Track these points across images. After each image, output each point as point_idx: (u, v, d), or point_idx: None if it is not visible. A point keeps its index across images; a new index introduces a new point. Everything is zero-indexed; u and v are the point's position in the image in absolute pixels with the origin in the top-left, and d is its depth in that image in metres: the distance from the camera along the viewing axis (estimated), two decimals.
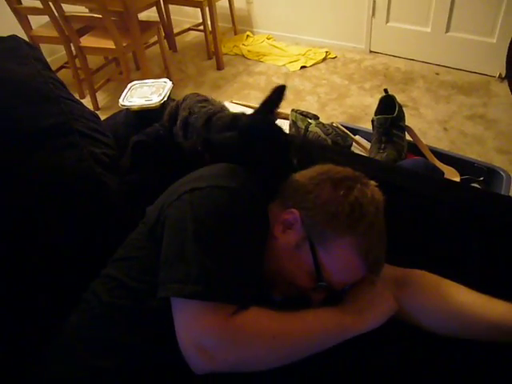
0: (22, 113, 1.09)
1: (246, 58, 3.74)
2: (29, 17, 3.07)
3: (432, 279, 0.93)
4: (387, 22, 3.43)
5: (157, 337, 0.77)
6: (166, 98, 1.36)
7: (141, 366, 0.79)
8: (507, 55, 2.84)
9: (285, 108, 2.24)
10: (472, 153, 2.49)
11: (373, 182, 0.90)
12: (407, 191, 1.03)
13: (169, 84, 1.41)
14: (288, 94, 1.02)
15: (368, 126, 1.81)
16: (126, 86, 1.45)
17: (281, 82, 3.35)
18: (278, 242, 0.87)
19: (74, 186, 1.07)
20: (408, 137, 1.69)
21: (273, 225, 0.89)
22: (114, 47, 2.76)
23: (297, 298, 0.88)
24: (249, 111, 1.82)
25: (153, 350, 0.77)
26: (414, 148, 1.67)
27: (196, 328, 0.73)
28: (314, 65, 3.56)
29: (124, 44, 2.78)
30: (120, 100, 1.38)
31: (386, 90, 1.71)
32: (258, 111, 1.01)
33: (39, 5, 2.77)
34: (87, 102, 3.04)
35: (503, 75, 3.06)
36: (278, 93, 1.01)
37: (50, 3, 2.71)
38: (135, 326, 0.80)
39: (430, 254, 1.03)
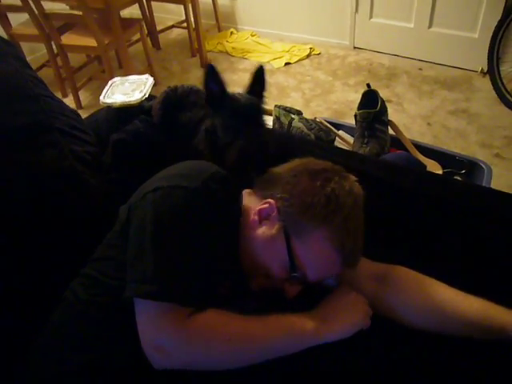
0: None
1: (230, 55, 3.73)
2: (8, 14, 3.02)
3: (412, 275, 0.93)
4: (370, 17, 3.44)
5: (133, 332, 0.77)
6: (147, 95, 1.35)
7: (122, 360, 0.79)
8: (489, 50, 2.87)
9: (269, 104, 2.24)
10: (455, 147, 2.51)
11: (352, 177, 0.90)
12: (388, 184, 1.03)
13: (150, 80, 1.39)
14: (272, 90, 1.02)
15: (350, 122, 1.82)
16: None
17: (265, 78, 3.33)
18: (254, 233, 0.87)
19: (54, 185, 1.06)
20: (391, 131, 1.70)
21: (248, 215, 0.89)
22: (95, 45, 2.73)
23: (273, 292, 0.88)
24: None
25: (131, 344, 0.77)
26: (397, 142, 1.68)
27: (152, 328, 0.74)
28: (298, 61, 3.56)
29: (106, 42, 2.75)
30: (101, 97, 1.36)
31: (368, 85, 1.72)
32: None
33: (18, 2, 2.73)
34: (69, 100, 3.00)
35: (485, 70, 3.09)
36: (259, 79, 1.02)
37: (30, 0, 2.67)
38: (112, 321, 0.81)
39: (410, 248, 1.03)
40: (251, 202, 0.92)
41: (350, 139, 1.68)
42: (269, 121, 1.75)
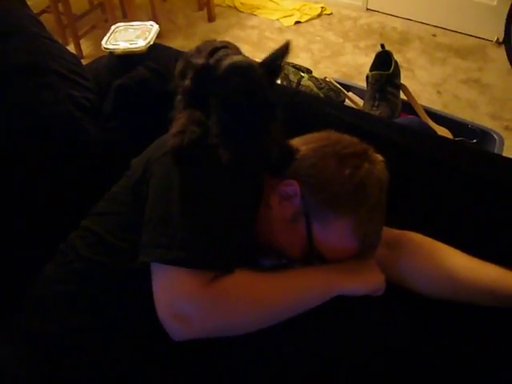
0: None
1: (239, 10, 3.59)
2: None
3: (425, 242, 0.91)
4: None
5: (135, 299, 0.74)
6: (151, 42, 1.28)
7: (119, 327, 0.76)
8: (506, 19, 2.76)
9: None
10: (465, 117, 2.41)
11: (380, 158, 0.86)
12: (402, 148, 0.99)
13: (155, 27, 1.32)
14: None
15: (360, 85, 1.76)
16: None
17: (274, 36, 3.24)
18: (273, 213, 0.83)
19: (49, 130, 1.01)
20: (402, 96, 1.65)
21: (268, 193, 0.84)
22: None
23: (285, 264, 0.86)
24: None
25: (131, 312, 0.74)
26: (408, 107, 1.63)
27: (173, 294, 0.70)
28: (308, 20, 3.43)
29: None
30: (103, 42, 1.29)
31: (382, 46, 1.65)
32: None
33: None
34: (70, 49, 2.87)
35: (501, 40, 2.98)
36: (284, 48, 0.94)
37: None
38: (113, 285, 0.77)
39: (423, 214, 1.00)
40: (269, 176, 0.86)
41: (360, 101, 1.62)
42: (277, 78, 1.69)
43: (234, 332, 0.74)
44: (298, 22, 3.40)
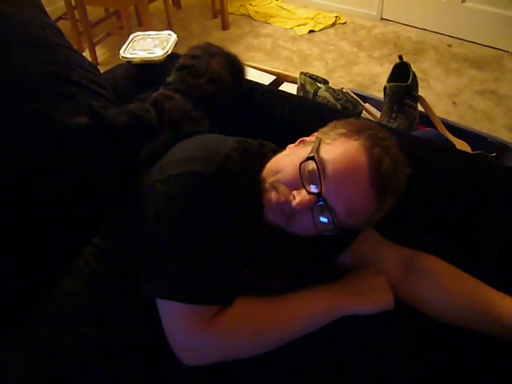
0: (13, 59, 1.00)
1: (253, 18, 3.60)
2: None
3: (442, 266, 0.89)
4: None
5: (147, 313, 0.74)
6: (169, 52, 1.28)
7: (127, 340, 0.77)
8: None
9: (291, 72, 2.16)
10: (481, 129, 2.40)
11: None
12: (423, 162, 0.97)
13: (173, 37, 1.32)
14: (294, 57, 0.95)
15: (375, 95, 1.74)
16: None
17: (288, 45, 3.23)
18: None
19: (70, 141, 1.01)
20: (419, 107, 1.63)
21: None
22: None
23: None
24: (254, 73, 1.75)
25: (140, 327, 0.74)
26: (425, 119, 1.61)
27: (179, 330, 0.71)
28: (322, 29, 3.43)
29: None
30: (121, 51, 1.30)
31: (400, 57, 1.63)
32: None
33: None
34: (86, 56, 2.90)
35: None
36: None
37: None
38: (122, 300, 0.77)
39: (441, 230, 0.98)
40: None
41: (377, 113, 1.61)
42: (293, 89, 1.68)
43: (241, 358, 0.75)
44: (311, 31, 3.40)
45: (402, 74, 1.60)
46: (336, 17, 3.53)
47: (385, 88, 1.58)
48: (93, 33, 2.94)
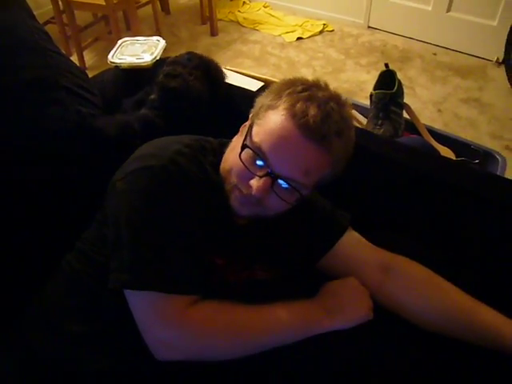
0: (1, 63, 1.01)
1: (242, 25, 3.62)
2: None
3: (419, 270, 0.90)
4: None
5: (128, 311, 0.74)
6: (157, 58, 1.29)
7: (115, 335, 0.77)
8: (507, 39, 2.79)
9: (278, 77, 2.17)
10: (465, 136, 2.42)
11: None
12: (406, 168, 0.98)
13: (162, 43, 1.34)
14: (282, 64, 0.96)
15: (362, 102, 1.77)
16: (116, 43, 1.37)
17: (276, 52, 3.26)
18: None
19: (57, 146, 1.01)
20: (405, 115, 1.66)
21: None
22: (104, 3, 2.63)
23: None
24: (243, 79, 1.76)
25: (125, 321, 0.74)
26: (410, 126, 1.64)
27: (150, 322, 0.71)
28: (310, 37, 3.46)
29: (115, 1, 2.65)
30: (109, 56, 1.30)
31: (386, 65, 1.66)
32: None
33: None
34: (74, 60, 2.88)
35: (501, 59, 3.01)
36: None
37: None
38: (106, 295, 0.77)
39: (424, 233, 1.00)
40: None
41: (363, 120, 1.63)
42: None
43: (215, 359, 0.75)
44: (299, 38, 3.43)
45: (388, 81, 1.63)
46: (324, 24, 3.57)
47: (371, 95, 1.60)
48: (81, 37, 2.94)
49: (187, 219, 0.75)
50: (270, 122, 0.76)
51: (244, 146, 0.76)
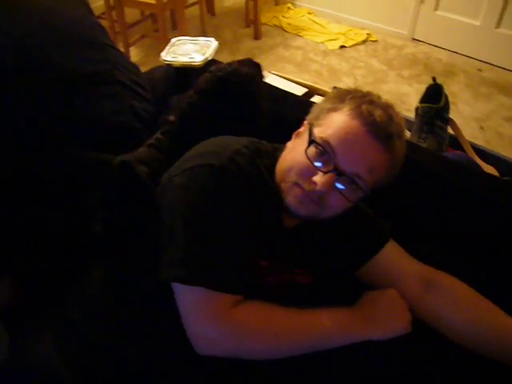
0: (64, 56, 1.04)
1: (285, 30, 3.64)
2: None
3: (463, 289, 0.89)
4: (436, 9, 3.30)
5: (165, 303, 0.76)
6: (209, 58, 1.31)
7: (150, 326, 0.79)
8: None
9: (320, 84, 2.17)
10: (508, 155, 2.40)
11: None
12: (454, 184, 0.98)
13: (214, 44, 1.36)
14: (324, 71, 0.97)
15: (404, 115, 1.75)
16: (165, 43, 1.40)
17: (318, 59, 3.26)
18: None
19: (110, 140, 1.03)
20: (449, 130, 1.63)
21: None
22: (154, 2, 2.68)
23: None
24: (287, 84, 1.76)
25: (162, 314, 0.76)
26: (454, 142, 1.61)
27: (195, 317, 0.73)
28: (353, 46, 3.45)
29: (165, 0, 2.71)
30: (162, 54, 1.34)
31: (434, 79, 1.64)
32: None
33: None
34: None
35: None
36: None
37: None
38: (145, 289, 0.79)
39: (466, 251, 0.98)
40: None
41: (407, 133, 1.61)
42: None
43: (255, 358, 0.76)
44: (342, 47, 3.43)
45: (433, 95, 1.61)
46: (367, 34, 3.55)
47: (416, 108, 1.59)
48: (128, 34, 3.01)
49: (242, 220, 0.76)
50: (335, 121, 0.79)
51: (311, 142, 0.78)
